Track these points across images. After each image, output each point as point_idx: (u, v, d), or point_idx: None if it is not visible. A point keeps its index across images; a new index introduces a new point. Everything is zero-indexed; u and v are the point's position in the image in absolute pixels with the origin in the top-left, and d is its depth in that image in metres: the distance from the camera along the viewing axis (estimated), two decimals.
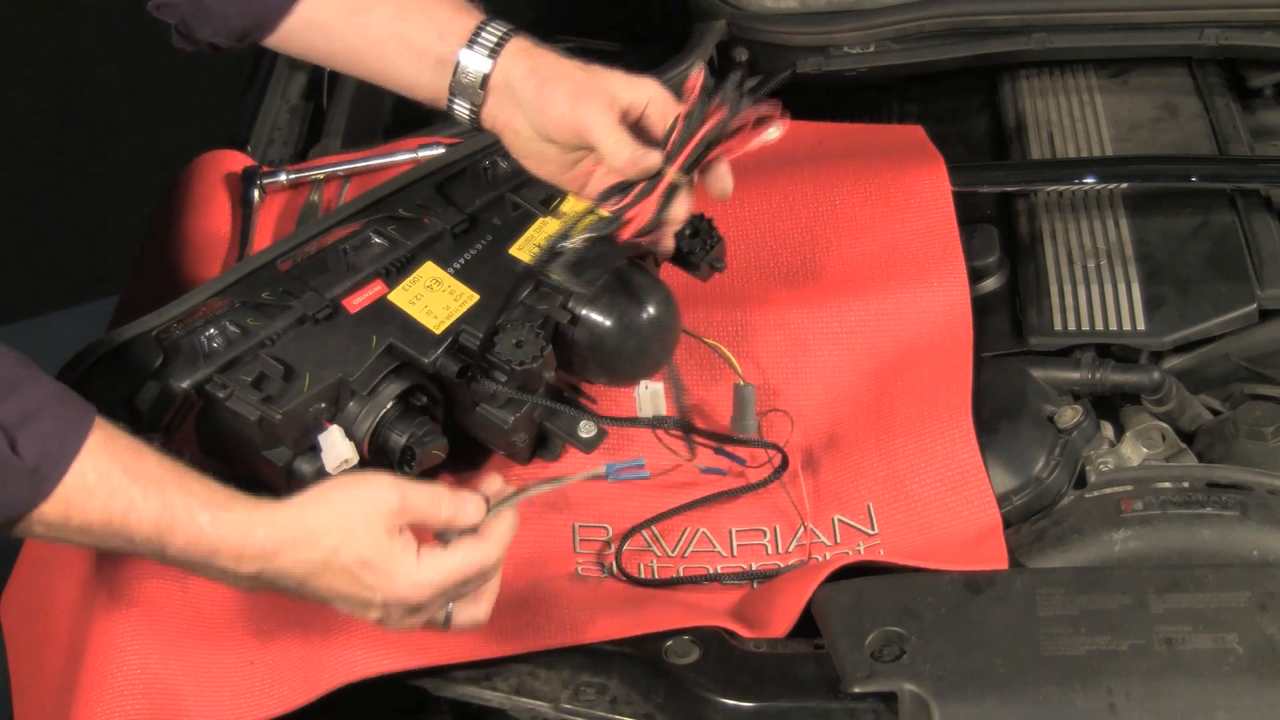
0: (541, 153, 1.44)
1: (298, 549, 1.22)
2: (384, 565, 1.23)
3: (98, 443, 1.20)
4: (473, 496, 1.28)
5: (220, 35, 1.51)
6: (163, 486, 1.20)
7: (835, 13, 2.04)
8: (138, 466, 1.21)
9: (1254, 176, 1.74)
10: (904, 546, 1.47)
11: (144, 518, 1.19)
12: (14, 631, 1.60)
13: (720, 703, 1.32)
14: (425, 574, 1.24)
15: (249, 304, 1.46)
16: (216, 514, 1.21)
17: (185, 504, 1.20)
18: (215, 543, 1.21)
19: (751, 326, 1.63)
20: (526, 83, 1.40)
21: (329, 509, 1.23)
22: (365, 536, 1.23)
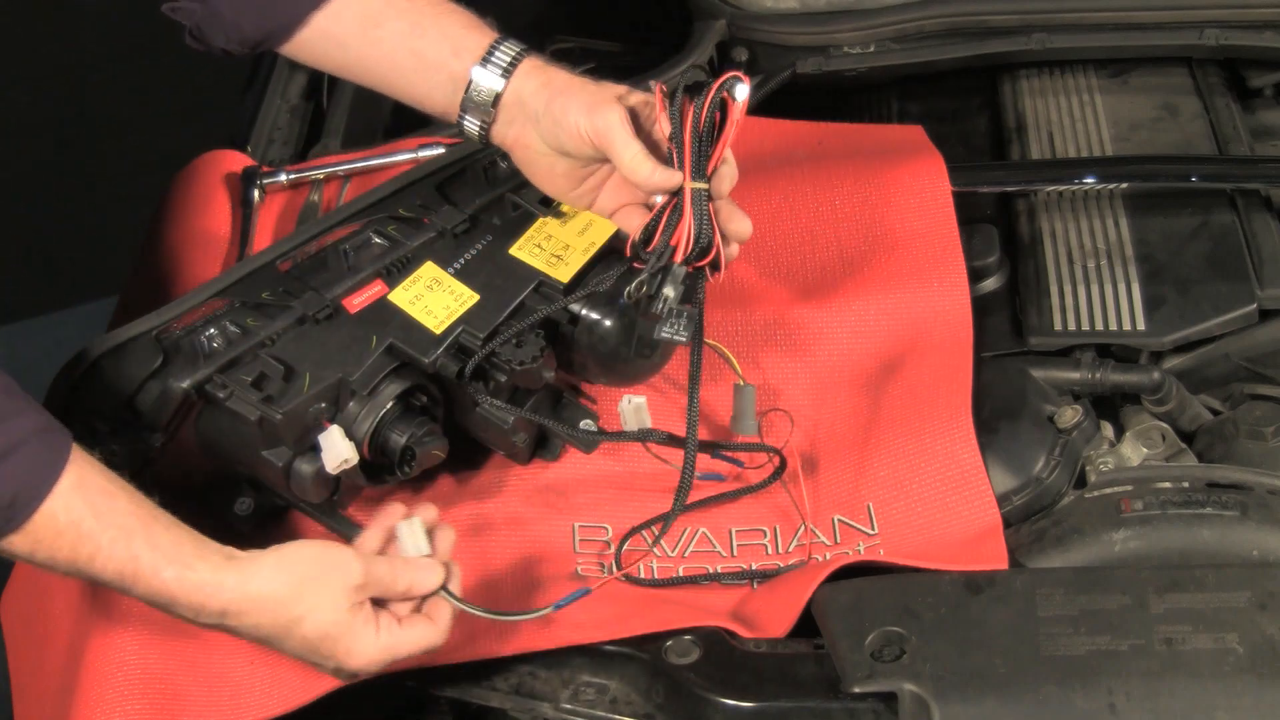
0: (552, 168, 1.44)
1: (261, 614, 1.26)
2: (343, 640, 1.27)
3: (71, 482, 1.22)
4: (431, 564, 1.32)
5: (233, 43, 1.52)
6: (130, 536, 1.23)
7: (835, 13, 2.04)
8: (109, 511, 1.23)
9: (1254, 176, 1.74)
10: (904, 546, 1.47)
11: (108, 565, 1.23)
12: (14, 631, 1.60)
13: (720, 703, 1.32)
14: (379, 650, 1.28)
15: (249, 304, 1.46)
16: (181, 571, 1.24)
17: (151, 558, 1.23)
18: (177, 596, 1.25)
19: (751, 326, 1.63)
20: (539, 96, 1.41)
21: (297, 579, 1.26)
22: (329, 611, 1.26)
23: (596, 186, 1.45)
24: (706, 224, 1.35)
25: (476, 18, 1.46)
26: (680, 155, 1.35)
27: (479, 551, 1.49)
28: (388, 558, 1.32)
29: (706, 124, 1.34)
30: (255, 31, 1.50)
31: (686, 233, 1.35)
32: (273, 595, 1.25)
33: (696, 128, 1.34)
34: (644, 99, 1.40)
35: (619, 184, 1.43)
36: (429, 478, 1.53)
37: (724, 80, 1.34)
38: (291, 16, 1.47)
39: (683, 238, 1.35)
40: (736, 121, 1.35)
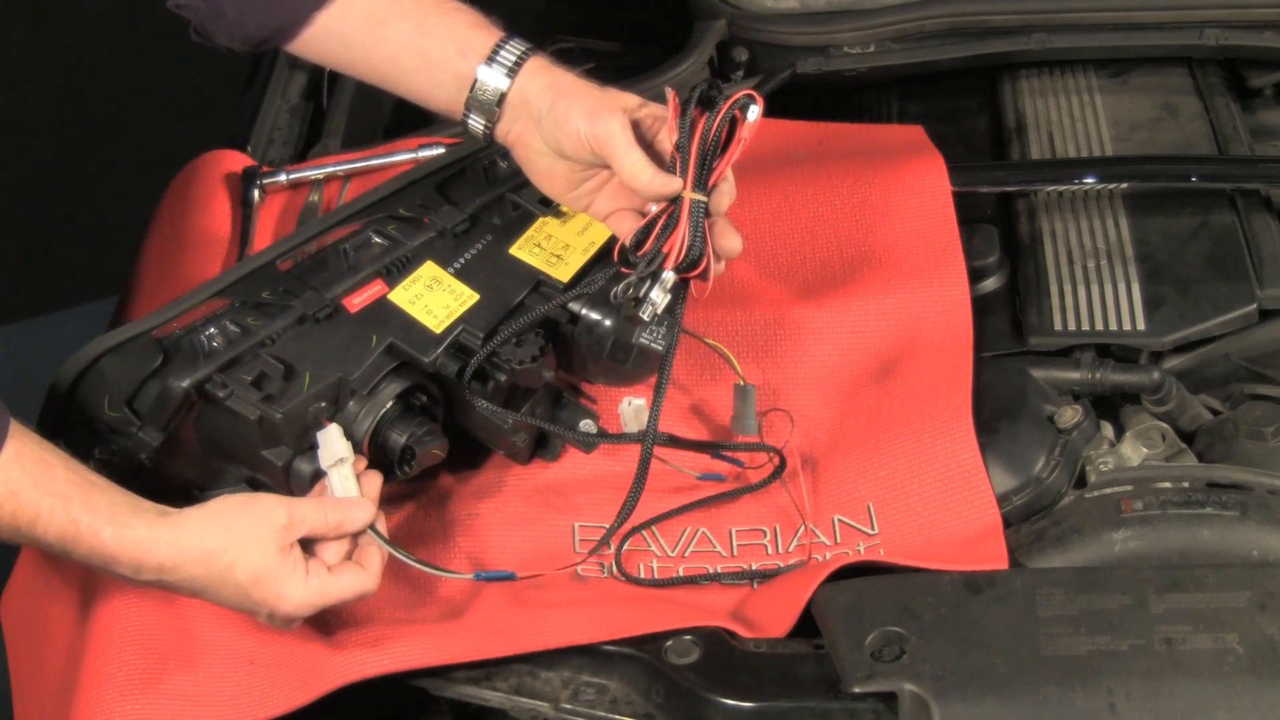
0: (552, 169, 1.44)
1: (195, 565, 1.30)
2: (272, 584, 1.31)
3: (9, 455, 1.26)
4: (360, 501, 1.37)
5: (236, 41, 1.52)
6: (68, 501, 1.27)
7: (835, 13, 2.04)
8: (47, 479, 1.27)
9: (1254, 176, 1.74)
10: (904, 546, 1.47)
11: (49, 529, 1.27)
12: (14, 631, 1.60)
13: (720, 703, 1.32)
14: (310, 594, 1.33)
15: (249, 304, 1.46)
16: (118, 530, 1.28)
17: (89, 519, 1.28)
18: (116, 554, 1.29)
19: (751, 326, 1.63)
20: (543, 98, 1.41)
21: (225, 528, 1.31)
22: (257, 554, 1.31)
23: (594, 190, 1.45)
24: (700, 236, 1.36)
25: (482, 16, 1.46)
26: (684, 164, 1.35)
27: (479, 551, 1.49)
28: (313, 499, 1.36)
29: (714, 137, 1.35)
30: (259, 30, 1.50)
31: (680, 241, 1.35)
32: (203, 545, 1.30)
33: (704, 140, 1.34)
34: (650, 113, 1.40)
35: (616, 189, 1.43)
36: (429, 478, 1.53)
37: (738, 98, 1.34)
38: (295, 15, 1.48)
39: (675, 246, 1.35)
40: (744, 140, 1.35)
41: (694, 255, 1.36)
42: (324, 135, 1.97)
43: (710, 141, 1.35)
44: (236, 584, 1.31)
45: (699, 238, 1.36)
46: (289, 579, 1.32)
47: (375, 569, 1.36)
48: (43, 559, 1.58)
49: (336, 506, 1.36)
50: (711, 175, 1.36)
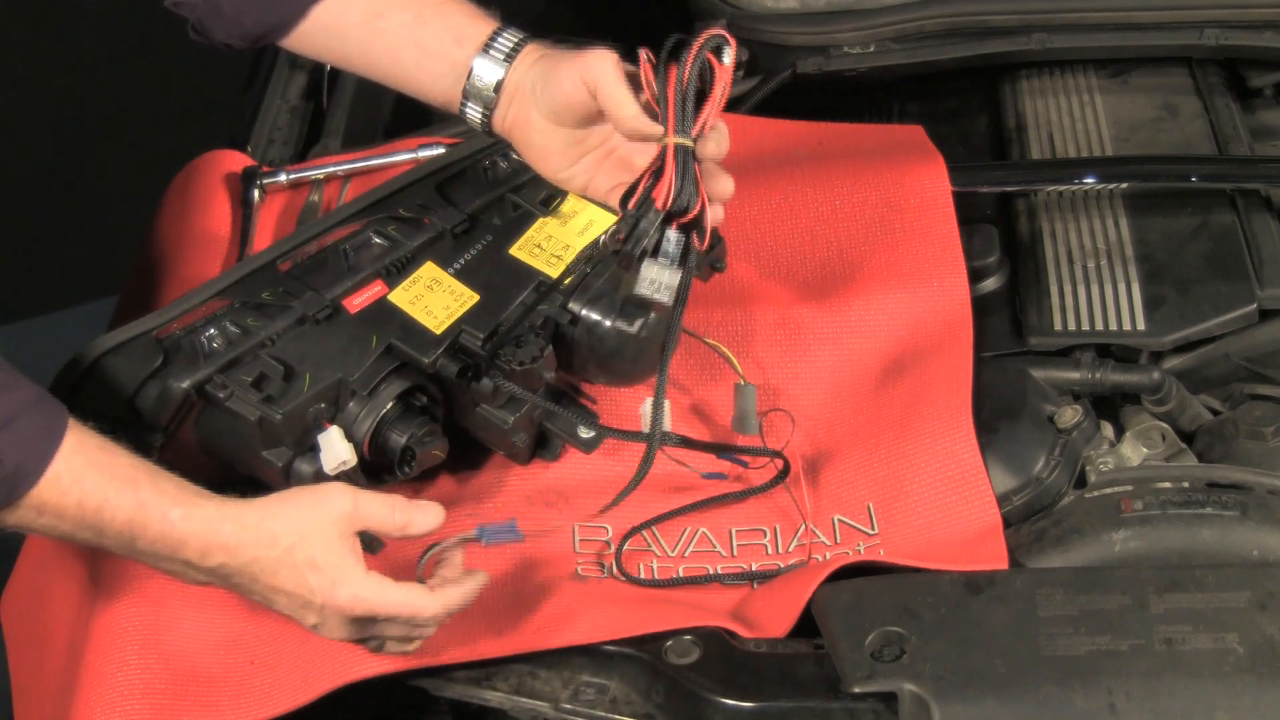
0: (547, 145, 1.43)
1: (258, 546, 1.29)
2: (329, 570, 1.29)
3: (71, 445, 1.25)
4: (430, 506, 1.34)
5: (234, 37, 1.52)
6: (136, 485, 1.27)
7: (835, 13, 2.04)
8: (111, 466, 1.27)
9: (1254, 176, 1.74)
10: (904, 546, 1.47)
11: (117, 514, 1.26)
12: (14, 631, 1.60)
13: (720, 703, 1.32)
14: (366, 590, 1.30)
15: (249, 304, 1.46)
16: (187, 510, 1.28)
17: (158, 501, 1.27)
18: (185, 536, 1.27)
19: (751, 326, 1.63)
20: (535, 70, 1.41)
21: (289, 512, 1.30)
22: (319, 539, 1.29)
23: (593, 165, 1.44)
24: (690, 181, 1.32)
25: (477, 8, 1.47)
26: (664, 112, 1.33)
27: (479, 551, 1.49)
28: (383, 494, 1.34)
29: (690, 81, 1.32)
30: (256, 26, 1.50)
31: (668, 186, 1.32)
32: (268, 527, 1.29)
33: (680, 83, 1.32)
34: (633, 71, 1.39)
35: (614, 165, 1.43)
36: (429, 478, 1.53)
37: (707, 37, 1.32)
38: (293, 10, 1.48)
39: (664, 191, 1.33)
40: (726, 83, 1.33)
41: (684, 200, 1.32)
42: (324, 135, 1.97)
43: (686, 84, 1.32)
44: (295, 566, 1.28)
45: (688, 181, 1.32)
46: (348, 568, 1.29)
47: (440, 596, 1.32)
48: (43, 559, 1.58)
49: (405, 507, 1.33)
50: (696, 122, 1.33)
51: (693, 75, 1.32)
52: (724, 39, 1.33)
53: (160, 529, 1.27)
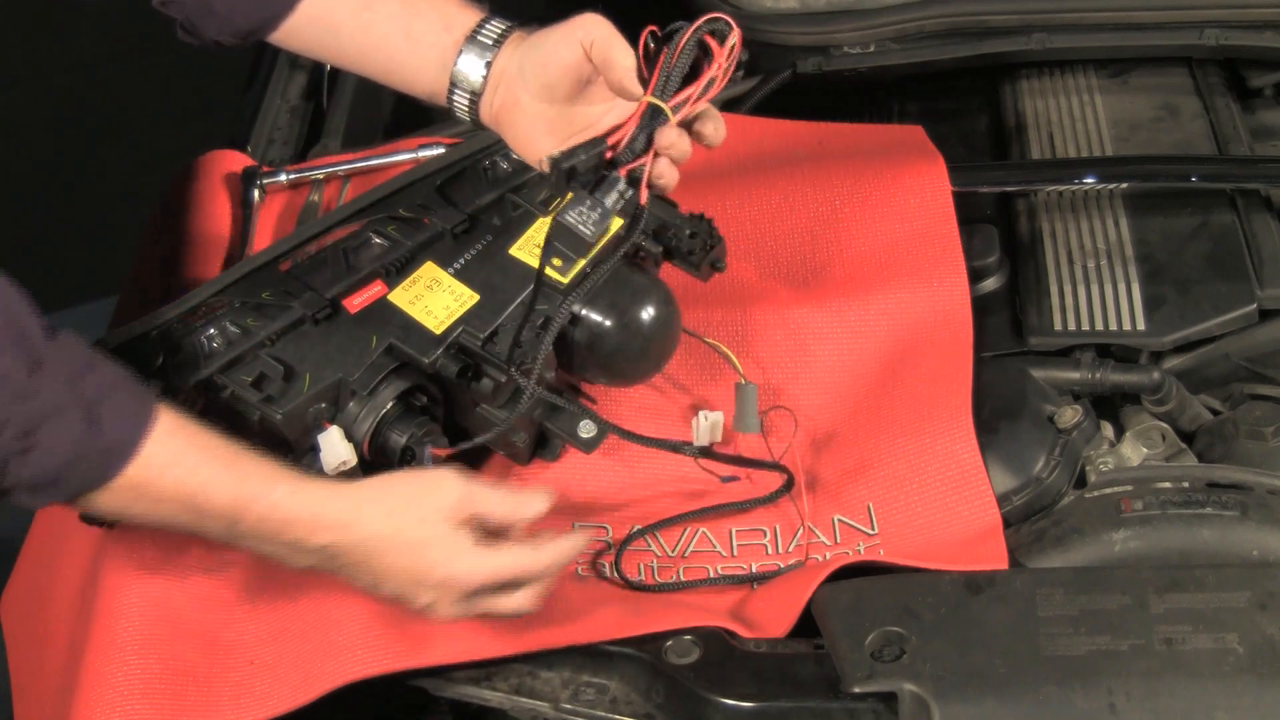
0: (533, 125, 1.43)
1: (371, 523, 1.28)
2: (444, 547, 1.29)
3: (167, 426, 1.25)
4: (537, 493, 1.35)
5: (225, 34, 1.52)
6: (236, 465, 1.26)
7: (835, 13, 2.04)
8: (209, 446, 1.26)
9: (1254, 176, 1.74)
10: (904, 546, 1.47)
11: (218, 496, 1.25)
12: (14, 631, 1.60)
13: (720, 703, 1.32)
14: (480, 562, 1.30)
15: (249, 304, 1.46)
16: (293, 487, 1.27)
17: (259, 481, 1.26)
18: (291, 515, 1.27)
19: (752, 326, 1.63)
20: (521, 51, 1.42)
21: (401, 493, 1.30)
22: (429, 520, 1.29)
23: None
24: (645, 139, 1.37)
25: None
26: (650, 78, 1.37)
27: None
28: (492, 483, 1.34)
29: (683, 53, 1.35)
30: (247, 22, 1.50)
31: (624, 133, 1.38)
32: (381, 504, 1.29)
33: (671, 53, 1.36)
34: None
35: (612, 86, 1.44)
36: None
37: (709, 19, 1.35)
38: (283, 4, 1.48)
39: (622, 139, 1.38)
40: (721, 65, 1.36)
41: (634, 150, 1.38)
42: (324, 135, 1.97)
43: (676, 55, 1.36)
44: (409, 544, 1.28)
45: (642, 137, 1.37)
46: (459, 544, 1.29)
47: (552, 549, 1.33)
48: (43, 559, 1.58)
49: (514, 496, 1.34)
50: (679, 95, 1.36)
51: (687, 50, 1.36)
52: (727, 24, 1.36)
53: (264, 508, 1.26)
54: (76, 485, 1.23)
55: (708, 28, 1.36)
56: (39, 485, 1.22)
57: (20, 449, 1.19)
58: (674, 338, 1.51)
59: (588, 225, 1.37)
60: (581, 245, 1.38)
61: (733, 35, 1.36)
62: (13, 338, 1.20)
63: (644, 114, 1.37)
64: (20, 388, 1.19)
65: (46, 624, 1.51)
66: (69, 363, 1.22)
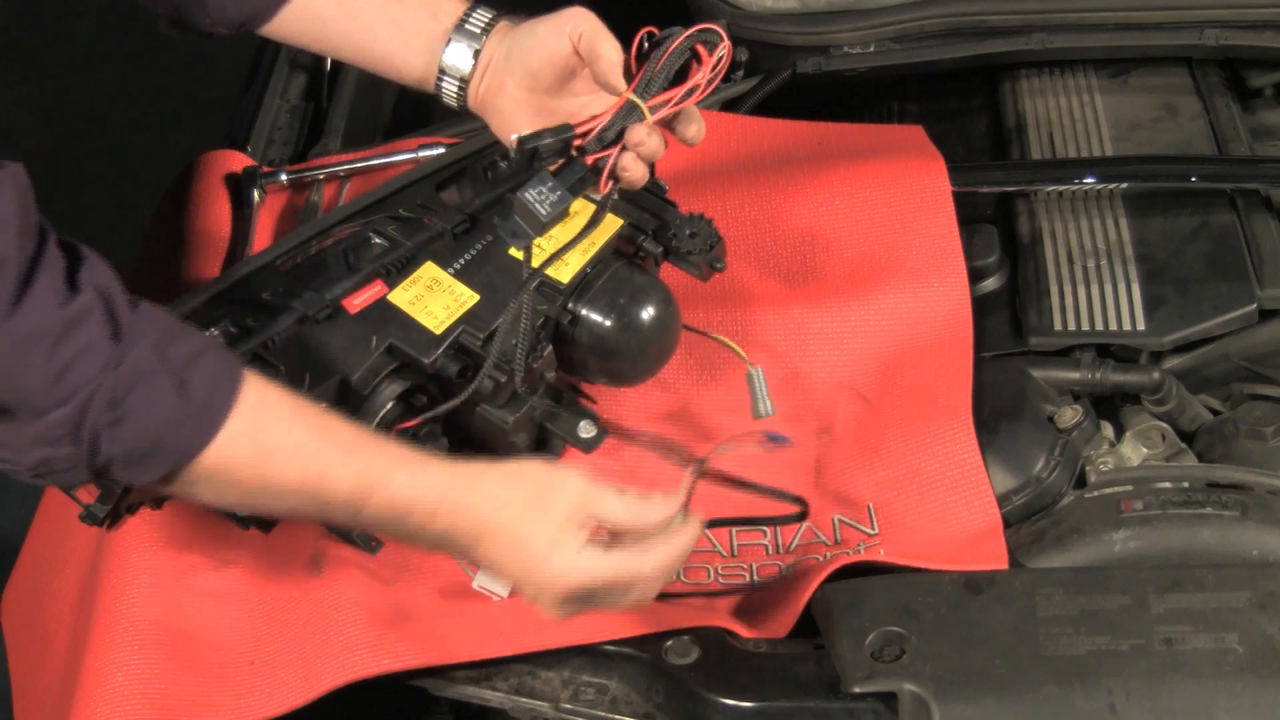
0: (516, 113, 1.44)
1: (483, 509, 1.27)
2: (544, 548, 1.27)
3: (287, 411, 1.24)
4: (661, 501, 1.32)
5: (217, 24, 1.52)
6: (358, 451, 1.25)
7: (835, 13, 2.03)
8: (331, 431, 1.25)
9: (1254, 176, 1.74)
10: (904, 546, 1.47)
11: (341, 483, 1.24)
12: (14, 631, 1.60)
13: (720, 703, 1.32)
14: (578, 569, 1.28)
15: (249, 304, 1.46)
16: (413, 472, 1.26)
17: (382, 466, 1.25)
18: (412, 498, 1.26)
19: (751, 326, 1.63)
20: (509, 39, 1.43)
21: (517, 484, 1.29)
22: (542, 517, 1.28)
23: None
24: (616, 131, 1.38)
25: None
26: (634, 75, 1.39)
27: None
28: (616, 488, 1.32)
29: (672, 58, 1.37)
30: (237, 13, 1.50)
31: (598, 126, 1.38)
32: (499, 489, 1.28)
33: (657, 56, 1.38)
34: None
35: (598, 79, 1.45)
36: None
37: (701, 29, 1.38)
38: None
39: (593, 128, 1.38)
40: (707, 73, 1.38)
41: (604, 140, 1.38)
42: (324, 135, 1.97)
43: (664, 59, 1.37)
44: (511, 540, 1.27)
45: (614, 130, 1.38)
46: (561, 548, 1.27)
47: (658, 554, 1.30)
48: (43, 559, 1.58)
49: (636, 504, 1.31)
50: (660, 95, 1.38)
51: (676, 54, 1.37)
52: (718, 35, 1.38)
53: (386, 494, 1.25)
54: (174, 455, 1.19)
55: (700, 37, 1.37)
56: (134, 458, 1.19)
57: (111, 419, 1.16)
58: (674, 337, 1.51)
59: (544, 205, 1.38)
60: (536, 224, 1.39)
61: (721, 46, 1.38)
62: (99, 306, 1.17)
63: (621, 109, 1.38)
64: (108, 355, 1.16)
65: (46, 624, 1.51)
66: (154, 329, 1.20)
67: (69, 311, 1.14)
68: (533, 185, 1.38)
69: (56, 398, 1.14)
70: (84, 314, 1.15)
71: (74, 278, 1.16)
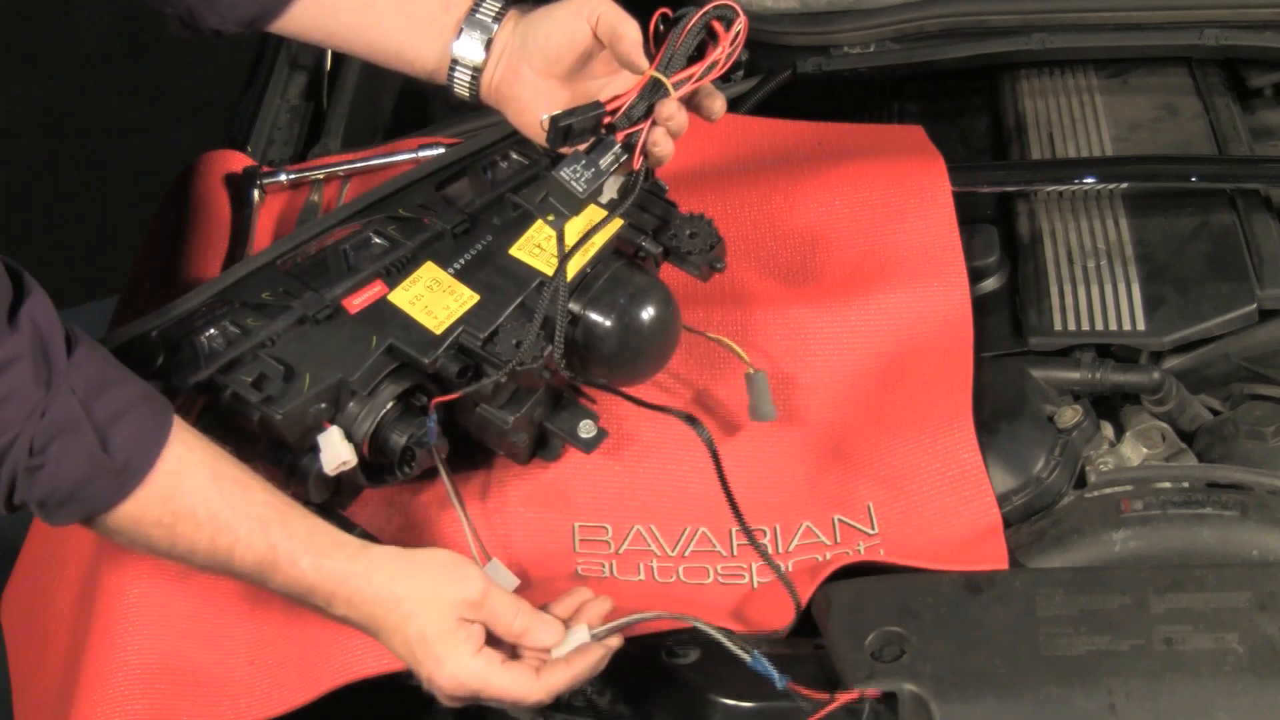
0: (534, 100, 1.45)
1: (377, 605, 1.29)
2: (436, 648, 1.28)
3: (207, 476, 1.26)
4: (552, 622, 1.32)
5: (228, 22, 1.52)
6: (268, 526, 1.27)
7: (835, 13, 2.04)
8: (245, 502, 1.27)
9: (1254, 176, 1.74)
10: (904, 546, 1.47)
11: (247, 556, 1.27)
12: (14, 631, 1.60)
13: (720, 703, 1.32)
14: (468, 673, 1.28)
15: (249, 304, 1.46)
16: (317, 560, 1.29)
17: (288, 547, 1.27)
18: (314, 584, 1.28)
19: (752, 326, 1.63)
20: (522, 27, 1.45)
21: (415, 581, 1.29)
22: (436, 616, 1.28)
23: None
24: (643, 107, 1.42)
25: None
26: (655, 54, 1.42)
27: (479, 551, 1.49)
28: (513, 596, 1.32)
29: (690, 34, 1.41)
30: (250, 8, 1.50)
31: (625, 103, 1.42)
32: (391, 590, 1.28)
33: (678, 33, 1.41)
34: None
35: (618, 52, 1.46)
36: (429, 478, 1.53)
37: (716, 5, 1.41)
38: None
39: (621, 106, 1.42)
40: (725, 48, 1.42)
41: (631, 117, 1.42)
42: (324, 135, 1.97)
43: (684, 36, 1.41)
44: (406, 638, 1.28)
45: (641, 105, 1.42)
46: (456, 650, 1.27)
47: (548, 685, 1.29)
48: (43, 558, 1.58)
49: (529, 614, 1.31)
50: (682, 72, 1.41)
51: (694, 32, 1.41)
52: (734, 11, 1.42)
53: (288, 574, 1.28)
54: (88, 506, 1.23)
55: (716, 13, 1.41)
56: (49, 504, 1.22)
57: (29, 466, 1.19)
58: (674, 337, 1.51)
59: (580, 183, 1.42)
60: (573, 201, 1.42)
61: (739, 22, 1.42)
62: (33, 349, 1.19)
63: (645, 86, 1.42)
64: (34, 404, 1.18)
65: (46, 624, 1.51)
66: (85, 379, 1.22)
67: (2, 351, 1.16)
68: (567, 164, 1.42)
69: None
70: (16, 356, 1.17)
71: (14, 314, 1.17)
